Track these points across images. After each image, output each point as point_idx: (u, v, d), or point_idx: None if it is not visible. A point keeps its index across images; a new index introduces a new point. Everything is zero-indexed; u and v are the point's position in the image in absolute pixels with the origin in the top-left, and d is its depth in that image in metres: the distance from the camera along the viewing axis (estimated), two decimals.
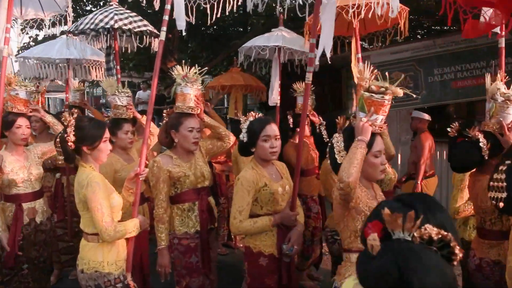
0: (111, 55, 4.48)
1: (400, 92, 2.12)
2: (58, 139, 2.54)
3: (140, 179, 2.61)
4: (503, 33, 3.14)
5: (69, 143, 2.36)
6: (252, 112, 2.73)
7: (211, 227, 2.99)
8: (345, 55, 4.50)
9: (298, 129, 3.91)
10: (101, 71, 5.28)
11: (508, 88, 2.60)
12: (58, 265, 4.30)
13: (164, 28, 2.74)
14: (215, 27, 10.18)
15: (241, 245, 2.89)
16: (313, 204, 4.06)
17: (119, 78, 4.28)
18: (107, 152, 2.47)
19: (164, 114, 3.01)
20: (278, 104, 4.28)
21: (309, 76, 2.69)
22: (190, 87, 2.87)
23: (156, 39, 4.42)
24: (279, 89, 4.29)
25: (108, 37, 4.52)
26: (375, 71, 2.40)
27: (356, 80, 3.00)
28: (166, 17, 2.74)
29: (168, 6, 2.73)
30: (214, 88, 6.25)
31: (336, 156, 2.14)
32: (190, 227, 2.86)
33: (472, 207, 2.73)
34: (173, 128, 2.90)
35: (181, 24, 2.92)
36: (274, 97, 4.26)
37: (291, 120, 4.06)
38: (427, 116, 5.10)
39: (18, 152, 3.30)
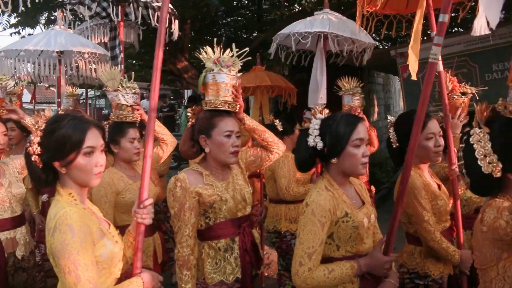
0: (116, 38, 3.55)
1: None
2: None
3: (142, 220, 1.62)
4: None
5: (33, 158, 1.51)
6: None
7: (256, 273, 2.13)
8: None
9: None
10: (91, 65, 3.78)
11: None
12: None
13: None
14: (230, 19, 8.80)
15: None
16: None
17: (123, 70, 3.42)
18: (96, 171, 1.54)
19: (188, 114, 2.14)
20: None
21: (436, 53, 1.80)
22: (226, 74, 2.03)
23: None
24: (325, 86, 3.46)
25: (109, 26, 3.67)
26: None
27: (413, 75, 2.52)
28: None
29: None
30: None
31: (481, 163, 1.44)
32: (227, 274, 2.02)
33: None
34: (203, 133, 2.06)
35: None
36: (322, 96, 3.42)
37: None
38: None
39: None
